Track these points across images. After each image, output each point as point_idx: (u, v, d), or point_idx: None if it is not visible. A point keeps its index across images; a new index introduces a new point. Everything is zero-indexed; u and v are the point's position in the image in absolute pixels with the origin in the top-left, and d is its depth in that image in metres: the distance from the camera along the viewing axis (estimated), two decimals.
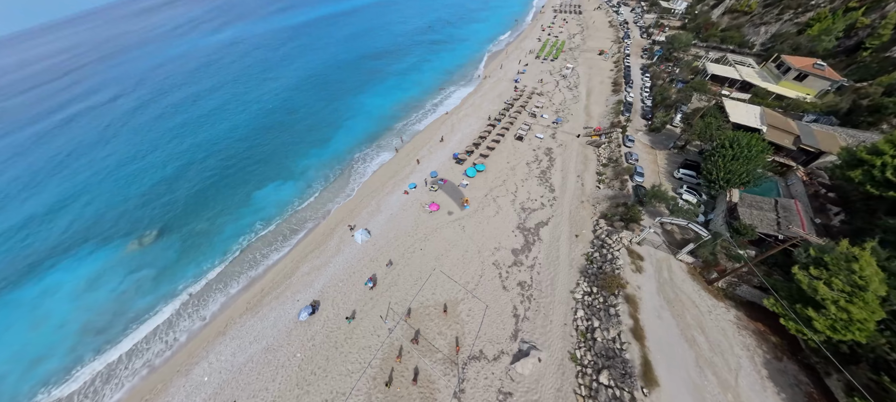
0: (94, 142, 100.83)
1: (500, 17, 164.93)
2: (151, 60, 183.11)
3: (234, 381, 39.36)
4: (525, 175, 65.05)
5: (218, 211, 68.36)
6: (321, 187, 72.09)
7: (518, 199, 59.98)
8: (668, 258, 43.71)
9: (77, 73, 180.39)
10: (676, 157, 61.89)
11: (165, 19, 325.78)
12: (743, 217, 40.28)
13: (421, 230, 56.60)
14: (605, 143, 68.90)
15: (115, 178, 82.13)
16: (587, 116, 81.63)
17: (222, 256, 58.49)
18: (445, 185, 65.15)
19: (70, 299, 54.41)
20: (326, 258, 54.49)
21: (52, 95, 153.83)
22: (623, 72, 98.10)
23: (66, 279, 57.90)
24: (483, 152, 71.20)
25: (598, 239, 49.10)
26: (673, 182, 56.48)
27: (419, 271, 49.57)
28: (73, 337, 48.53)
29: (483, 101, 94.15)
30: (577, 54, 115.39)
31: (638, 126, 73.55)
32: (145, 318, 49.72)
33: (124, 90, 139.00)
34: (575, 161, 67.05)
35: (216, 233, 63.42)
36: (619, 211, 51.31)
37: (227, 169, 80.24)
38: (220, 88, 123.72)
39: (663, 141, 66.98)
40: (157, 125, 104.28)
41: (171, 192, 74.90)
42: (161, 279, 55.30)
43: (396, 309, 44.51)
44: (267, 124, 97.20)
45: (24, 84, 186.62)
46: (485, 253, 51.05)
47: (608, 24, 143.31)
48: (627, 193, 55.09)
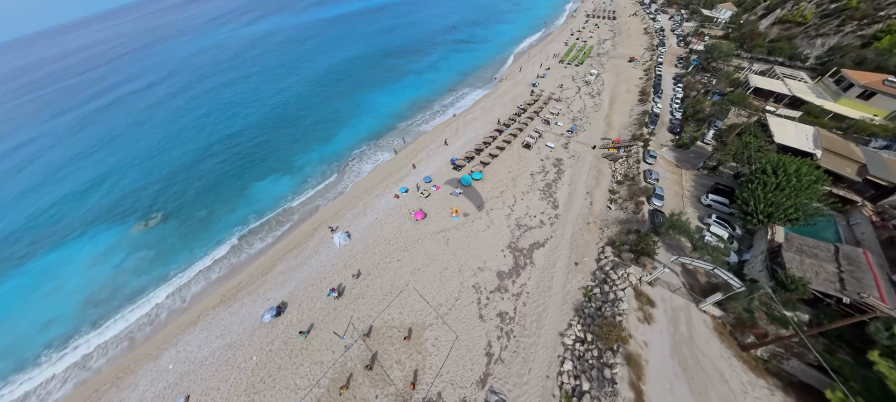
0: (128, 126, 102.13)
1: (528, 19, 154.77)
2: (187, 49, 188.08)
3: (194, 373, 36.81)
4: (527, 187, 56.40)
5: (217, 200, 66.89)
6: (315, 184, 68.00)
7: (514, 213, 51.57)
8: (688, 307, 34.02)
9: (120, 60, 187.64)
10: (706, 179, 51.22)
11: (205, 10, 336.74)
12: (790, 265, 30.15)
13: (402, 239, 49.88)
14: (623, 157, 58.96)
15: (138, 162, 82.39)
16: (607, 126, 71.49)
17: (213, 246, 56.47)
18: (438, 191, 57.85)
19: (81, 271, 54.97)
20: (303, 259, 50.00)
21: (99, 79, 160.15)
22: (653, 80, 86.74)
23: (81, 252, 58.76)
24: (484, 159, 63.10)
25: (601, 271, 40.02)
26: (699, 209, 46.18)
27: (391, 285, 43.01)
28: (77, 307, 48.98)
29: (495, 104, 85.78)
30: (605, 60, 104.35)
31: (663, 141, 62.90)
32: (136, 298, 49.35)
33: (159, 78, 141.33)
34: (586, 175, 57.58)
35: (213, 221, 61.58)
36: (629, 239, 41.89)
37: (234, 159, 78.19)
38: (244, 81, 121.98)
39: (691, 159, 56.20)
40: (181, 115, 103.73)
41: (181, 178, 74.14)
42: (157, 262, 54.64)
43: (357, 325, 38.60)
44: (278, 117, 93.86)
45: (77, 68, 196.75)
46: (466, 273, 43.44)
47: (643, 30, 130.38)
48: (642, 219, 45.37)
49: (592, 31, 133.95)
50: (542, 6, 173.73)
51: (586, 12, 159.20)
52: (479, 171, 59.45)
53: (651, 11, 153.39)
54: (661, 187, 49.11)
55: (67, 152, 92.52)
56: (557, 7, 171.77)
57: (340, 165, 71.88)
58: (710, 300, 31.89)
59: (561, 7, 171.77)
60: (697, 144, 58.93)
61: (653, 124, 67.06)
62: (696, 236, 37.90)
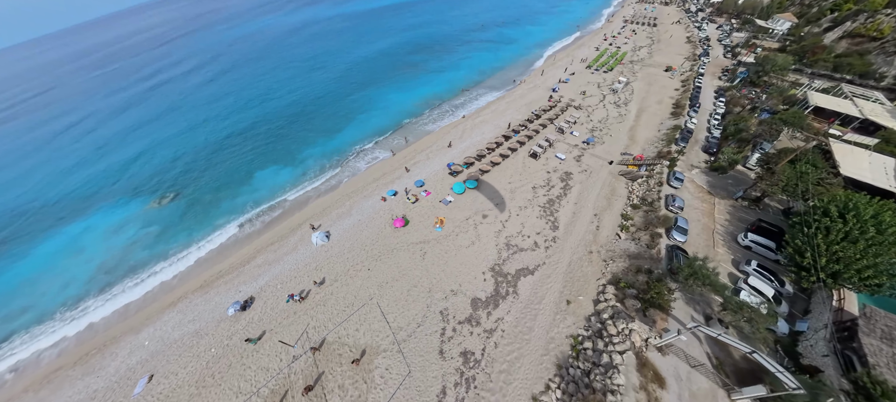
0: (164, 110, 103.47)
1: (561, 22, 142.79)
2: (229, 36, 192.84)
3: (162, 354, 35.33)
4: (526, 202, 47.86)
5: (223, 185, 65.44)
6: (313, 178, 64.44)
7: (506, 231, 43.38)
8: (715, 395, 24.52)
9: (169, 45, 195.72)
10: (745, 213, 40.37)
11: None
12: (873, 360, 20.27)
13: (377, 247, 43.70)
14: (643, 176, 48.86)
15: (166, 144, 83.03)
16: (630, 139, 60.92)
17: (209, 230, 55.32)
18: (428, 197, 50.71)
19: (100, 239, 56.35)
20: (281, 254, 46.43)
21: (147, 62, 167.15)
22: (691, 92, 74.53)
23: (104, 222, 60.23)
24: (484, 166, 54.93)
25: (597, 318, 31.24)
26: (734, 251, 35.85)
27: (355, 296, 37.46)
28: (92, 272, 50.19)
29: (508, 108, 76.98)
30: (638, 68, 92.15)
31: (694, 161, 51.86)
32: (138, 271, 49.62)
33: (199, 64, 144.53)
34: (596, 194, 48.08)
35: (215, 206, 60.56)
36: (638, 281, 32.71)
37: (245, 147, 76.86)
38: (271, 73, 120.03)
39: (728, 186, 45.21)
40: (210, 101, 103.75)
41: (197, 162, 74.60)
42: (160, 239, 54.68)
43: (311, 335, 34.00)
44: (294, 109, 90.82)
45: (130, 51, 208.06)
46: (436, 294, 36.36)
47: (686, 39, 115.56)
48: (656, 255, 35.79)
49: (628, 37, 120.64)
50: (578, 9, 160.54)
51: (625, 18, 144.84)
52: (473, 179, 51.49)
53: (697, 20, 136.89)
54: (685, 219, 38.96)
55: (112, 130, 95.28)
56: (594, 11, 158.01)
57: (340, 161, 67.47)
58: (750, 393, 22.22)
59: (598, 11, 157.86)
60: (737, 169, 47.71)
61: (684, 142, 55.99)
62: (727, 290, 28.23)
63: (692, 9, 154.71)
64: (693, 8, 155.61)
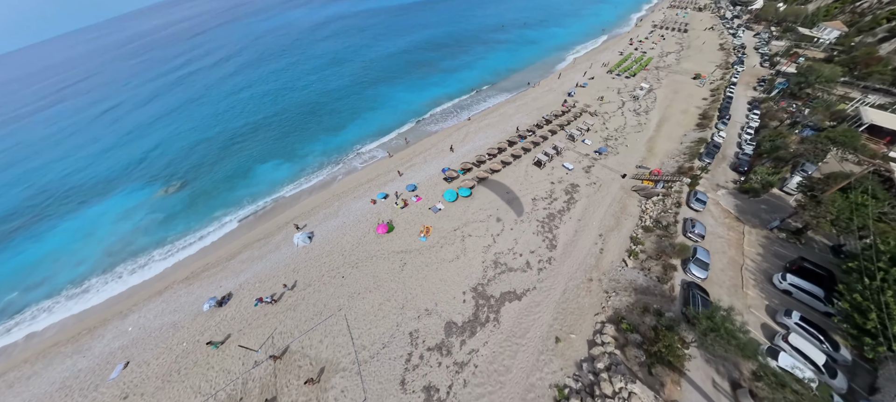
0: (186, 101, 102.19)
1: (586, 25, 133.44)
2: (257, 29, 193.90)
3: (141, 342, 33.88)
4: (524, 216, 41.98)
5: (225, 177, 63.61)
6: (309, 175, 61.28)
7: (496, 246, 37.83)
8: None
9: (202, 36, 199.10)
10: (782, 247, 33.04)
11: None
12: None
13: (357, 253, 39.61)
14: (659, 194, 41.91)
15: (183, 135, 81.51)
16: (648, 151, 53.59)
17: (206, 221, 53.78)
18: (418, 203, 45.84)
19: (111, 222, 56.21)
20: (265, 252, 43.60)
21: (178, 54, 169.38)
22: (721, 103, 65.94)
23: (116, 206, 60.08)
24: (482, 174, 49.34)
25: (590, 366, 25.41)
26: (769, 296, 28.87)
27: (325, 305, 33.85)
28: (100, 253, 50.04)
29: (518, 111, 70.67)
30: (663, 75, 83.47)
31: (721, 180, 44.27)
32: (138, 256, 48.86)
33: (224, 57, 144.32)
34: (604, 212, 41.55)
35: (214, 197, 58.75)
36: (644, 324, 26.51)
37: (253, 141, 74.46)
38: (291, 68, 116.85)
39: (761, 213, 37.67)
40: (229, 94, 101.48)
41: (207, 153, 72.94)
42: (162, 226, 53.73)
43: (277, 341, 31.06)
44: (305, 104, 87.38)
45: (164, 41, 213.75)
46: (409, 312, 31.73)
47: (719, 46, 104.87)
48: (669, 292, 29.32)
49: (656, 42, 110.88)
50: (606, 13, 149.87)
51: (654, 22, 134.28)
52: (467, 187, 46.06)
53: (732, 26, 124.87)
54: (706, 250, 32.05)
55: (139, 118, 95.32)
56: (622, 15, 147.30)
57: (338, 160, 63.75)
58: None
59: (626, 15, 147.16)
60: (772, 192, 39.97)
61: (709, 157, 48.25)
62: (761, 353, 21.61)
63: (727, 15, 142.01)
64: (728, 14, 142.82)
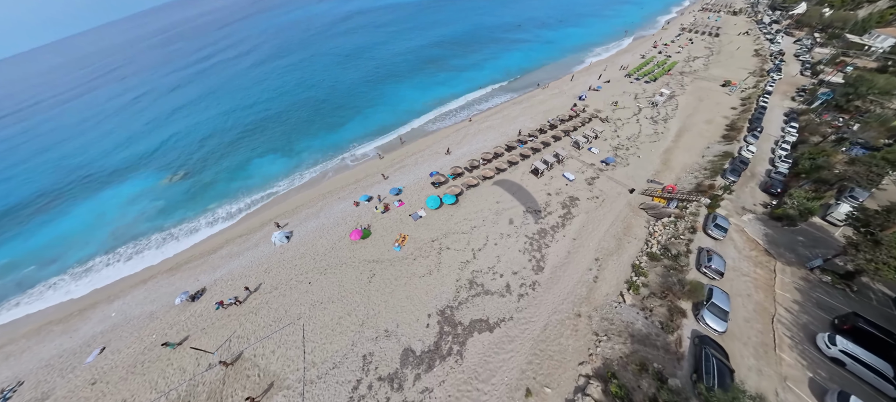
0: (204, 93, 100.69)
1: (608, 26, 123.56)
2: (282, 21, 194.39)
3: (120, 328, 32.60)
4: (511, 229, 36.33)
5: (224, 168, 61.91)
6: (303, 171, 58.13)
7: (475, 263, 32.59)
8: None
9: (228, 27, 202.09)
10: (828, 296, 25.76)
11: None
12: None
13: (328, 258, 35.97)
14: (671, 215, 35.07)
15: (198, 126, 79.99)
16: (663, 164, 46.29)
17: (200, 212, 52.04)
18: (400, 208, 41.18)
19: (120, 205, 56.01)
20: (244, 248, 41.31)
21: (205, 45, 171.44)
22: (752, 113, 57.20)
23: (127, 191, 59.75)
24: (473, 179, 43.83)
25: None
26: (813, 364, 21.97)
27: (286, 311, 30.71)
28: (105, 234, 49.82)
29: (523, 113, 64.27)
30: (688, 80, 74.55)
31: (748, 202, 36.76)
32: (138, 239, 48.17)
33: (247, 50, 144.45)
34: (604, 231, 35.19)
35: (212, 188, 57.07)
36: (640, 389, 20.50)
37: (258, 135, 72.19)
38: (307, 62, 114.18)
39: (797, 246, 30.27)
40: (245, 88, 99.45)
41: (213, 144, 71.28)
42: (162, 214, 52.67)
43: (234, 345, 28.37)
44: (311, 99, 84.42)
45: (195, 32, 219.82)
46: (367, 331, 27.64)
47: (753, 52, 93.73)
48: (675, 347, 22.97)
49: (684, 45, 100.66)
50: (631, 14, 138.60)
51: (682, 25, 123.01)
52: (452, 194, 40.73)
53: (770, 31, 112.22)
54: (725, 292, 25.32)
55: (158, 109, 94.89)
56: (648, 17, 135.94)
57: (335, 156, 60.25)
58: None
59: (652, 17, 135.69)
60: (813, 222, 32.38)
61: (735, 175, 40.55)
62: None
63: (765, 20, 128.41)
64: (766, 19, 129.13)
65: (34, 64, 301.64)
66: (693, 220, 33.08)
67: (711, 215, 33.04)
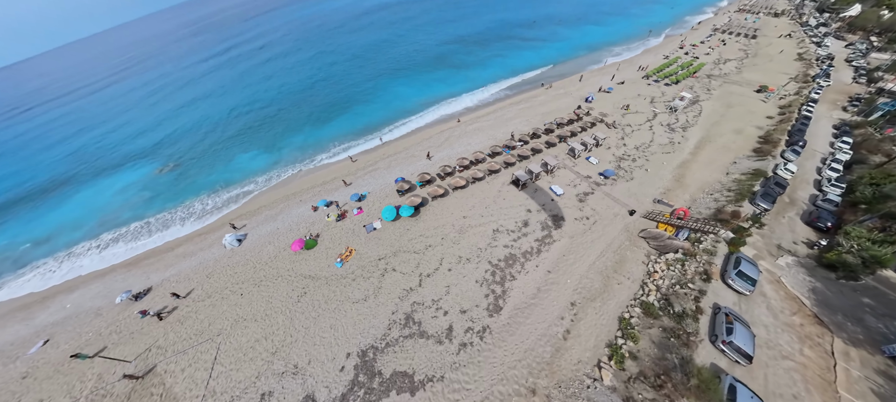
0: (213, 89, 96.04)
1: (631, 25, 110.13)
2: (306, 13, 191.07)
3: (69, 322, 30.16)
4: (472, 252, 28.45)
5: (209, 162, 58.40)
6: (281, 169, 52.59)
7: (420, 291, 25.33)
8: None
9: (251, 21, 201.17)
10: None
11: None
12: None
13: (268, 268, 30.73)
14: (679, 250, 25.92)
15: (203, 120, 75.62)
16: (676, 181, 36.50)
17: (176, 205, 48.67)
18: (358, 216, 34.54)
19: (111, 194, 54.01)
20: (198, 248, 37.27)
21: (228, 37, 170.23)
22: (793, 124, 45.80)
23: (122, 179, 57.69)
24: (438, 189, 36.09)
25: None
26: None
27: (209, 325, 26.44)
28: (94, 221, 47.84)
29: (518, 115, 55.27)
30: (717, 84, 62.76)
31: (786, 239, 26.82)
32: (119, 227, 45.85)
33: (269, 42, 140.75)
34: (590, 266, 26.51)
35: (194, 181, 53.81)
36: None
37: (249, 128, 67.87)
38: (316, 58, 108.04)
39: (864, 314, 20.41)
40: (257, 82, 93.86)
41: (208, 137, 67.01)
42: (145, 204, 49.89)
43: (150, 357, 24.63)
44: (309, 93, 79.15)
45: (219, 25, 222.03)
46: (277, 363, 22.24)
47: (796, 56, 79.47)
48: None
49: (714, 46, 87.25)
50: (657, 13, 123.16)
51: (715, 26, 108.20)
52: (412, 205, 33.18)
53: (817, 34, 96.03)
54: (752, 393, 16.36)
55: (170, 103, 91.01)
56: (677, 16, 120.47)
57: (315, 154, 54.32)
58: None
59: (681, 17, 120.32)
60: (885, 275, 22.44)
61: (768, 200, 30.32)
62: None
63: (811, 23, 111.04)
64: (812, 22, 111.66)
65: (73, 56, 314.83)
66: (708, 260, 23.86)
67: (734, 255, 23.65)
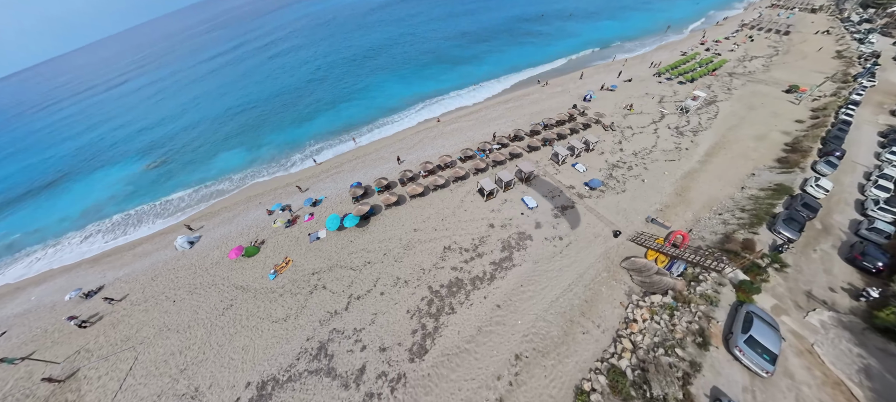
0: (218, 86, 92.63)
1: (649, 19, 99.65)
2: (313, 9, 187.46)
3: (28, 315, 28.74)
4: (413, 274, 23.28)
5: (191, 160, 56.04)
6: (255, 168, 49.09)
7: (343, 318, 20.80)
8: None
9: (264, 17, 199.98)
10: None
11: None
12: None
13: (206, 275, 27.95)
14: (670, 292, 19.70)
15: (199, 119, 72.57)
16: (678, 195, 29.61)
17: (153, 200, 46.74)
18: (307, 223, 30.50)
19: (100, 189, 52.61)
20: (154, 248, 34.74)
21: (238, 34, 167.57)
22: (828, 129, 37.46)
23: (112, 174, 56.59)
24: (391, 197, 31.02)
25: None
26: None
27: (135, 332, 24.01)
28: (79, 213, 46.77)
29: (505, 114, 48.99)
30: (738, 83, 54.02)
31: (818, 284, 19.90)
32: (100, 220, 44.55)
33: (277, 39, 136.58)
34: (551, 304, 20.58)
35: (174, 177, 51.54)
36: None
37: (238, 125, 64.80)
38: (321, 57, 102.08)
39: None
40: (259, 82, 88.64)
41: (198, 136, 64.33)
42: (128, 199, 48.25)
43: (78, 360, 22.56)
44: (301, 89, 75.45)
45: (233, 21, 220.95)
46: (180, 384, 19.31)
47: (835, 54, 68.51)
48: None
49: (740, 42, 77.01)
50: (680, 8, 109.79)
51: (743, 21, 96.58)
52: (357, 215, 28.19)
53: (860, 31, 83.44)
54: None
55: (175, 101, 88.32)
56: (700, 11, 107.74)
57: (291, 154, 50.47)
58: None
59: (705, 11, 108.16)
60: None
61: (793, 227, 22.93)
62: None
63: (853, 19, 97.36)
64: (855, 17, 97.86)
65: (98, 53, 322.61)
66: (706, 312, 17.56)
67: (744, 309, 17.11)
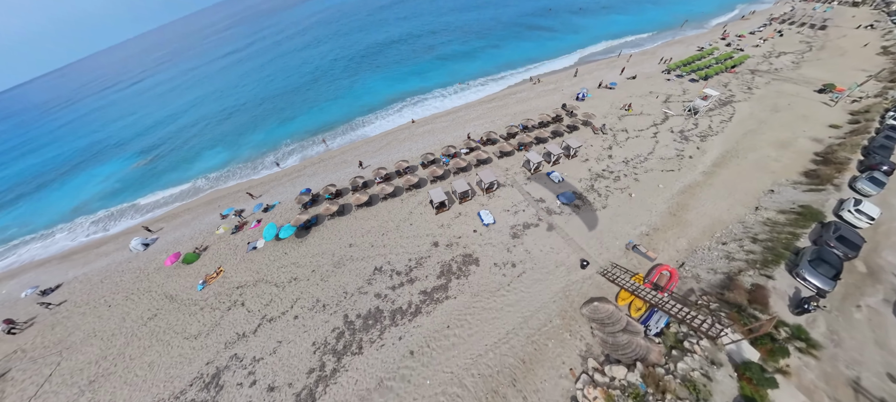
0: (222, 86, 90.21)
1: (665, 13, 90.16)
2: (325, 3, 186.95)
3: None
4: (334, 297, 19.73)
5: (177, 159, 54.35)
6: (231, 169, 46.41)
7: (248, 342, 18.31)
8: None
9: (277, 15, 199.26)
10: None
11: None
12: None
13: (147, 281, 25.77)
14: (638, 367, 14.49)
15: (198, 119, 70.32)
16: (672, 215, 23.83)
17: (132, 199, 45.46)
18: (253, 230, 28.11)
19: (95, 183, 52.14)
20: (114, 248, 33.09)
21: (254, 31, 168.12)
22: (871, 138, 29.93)
23: (107, 169, 55.83)
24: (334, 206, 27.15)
25: None
26: None
27: (67, 336, 22.39)
28: (71, 208, 46.08)
29: (484, 114, 44.03)
30: (761, 81, 45.99)
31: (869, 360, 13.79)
32: (87, 215, 43.90)
33: (287, 37, 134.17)
34: (477, 359, 16.06)
35: (159, 176, 50.01)
36: None
37: (233, 124, 62.48)
38: (324, 54, 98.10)
39: None
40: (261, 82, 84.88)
41: (195, 132, 62.93)
42: (113, 195, 47.29)
43: (11, 361, 21.25)
44: (297, 87, 72.46)
45: (250, 19, 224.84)
46: (85, 397, 18.38)
47: (880, 49, 57.93)
48: None
49: (768, 37, 67.22)
50: (702, 1, 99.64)
51: (772, 15, 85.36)
52: (293, 225, 24.73)
53: None
54: None
55: (182, 100, 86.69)
56: (724, 5, 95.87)
57: (266, 155, 47.68)
58: None
59: (730, 5, 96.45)
60: None
61: (825, 270, 16.56)
62: None
63: None
64: None
65: (120, 53, 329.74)
66: None
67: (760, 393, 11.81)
